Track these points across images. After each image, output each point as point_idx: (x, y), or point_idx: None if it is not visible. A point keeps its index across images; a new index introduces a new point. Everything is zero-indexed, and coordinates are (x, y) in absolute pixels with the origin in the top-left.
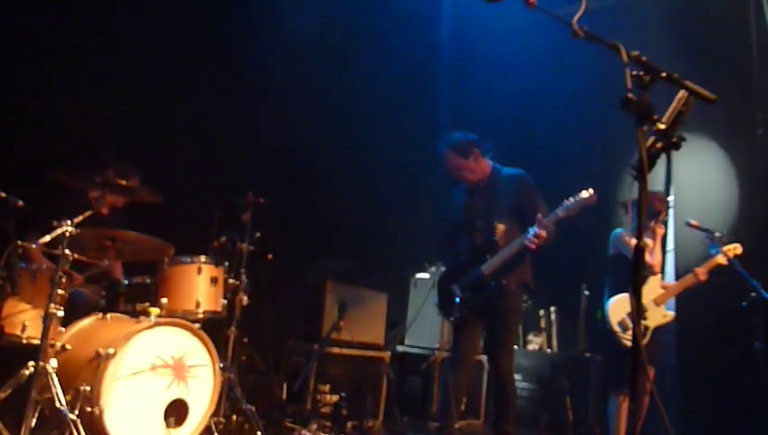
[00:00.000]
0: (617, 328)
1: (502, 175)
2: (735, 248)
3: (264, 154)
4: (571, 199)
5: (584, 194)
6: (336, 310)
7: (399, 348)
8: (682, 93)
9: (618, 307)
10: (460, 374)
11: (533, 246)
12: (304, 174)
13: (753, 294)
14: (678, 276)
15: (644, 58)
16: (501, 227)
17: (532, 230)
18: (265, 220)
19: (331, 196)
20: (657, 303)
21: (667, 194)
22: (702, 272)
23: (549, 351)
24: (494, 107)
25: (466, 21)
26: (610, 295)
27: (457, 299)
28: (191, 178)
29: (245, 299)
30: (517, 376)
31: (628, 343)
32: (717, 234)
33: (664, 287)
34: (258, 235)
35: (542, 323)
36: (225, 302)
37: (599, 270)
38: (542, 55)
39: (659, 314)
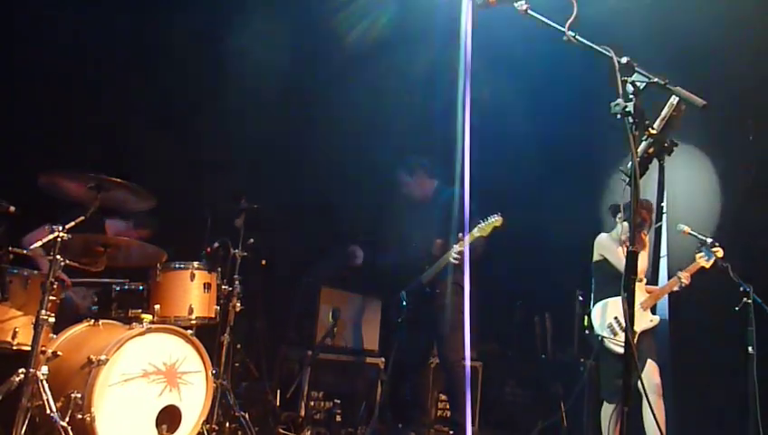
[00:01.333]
0: (604, 333)
1: (442, 194)
2: (717, 251)
3: (258, 159)
4: (482, 222)
5: (493, 217)
6: (330, 316)
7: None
8: (673, 99)
9: (603, 312)
10: (418, 375)
11: (457, 262)
12: (299, 180)
13: (746, 299)
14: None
15: (635, 64)
16: (438, 241)
17: (456, 248)
18: (259, 226)
19: (325, 201)
20: (643, 307)
21: (660, 200)
22: (685, 276)
23: (543, 356)
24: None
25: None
26: (595, 301)
27: (404, 303)
28: (184, 184)
29: (239, 305)
30: (511, 381)
31: (616, 348)
32: (709, 240)
33: (649, 292)
34: (251, 240)
35: (537, 329)
36: (218, 308)
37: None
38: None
39: (646, 319)
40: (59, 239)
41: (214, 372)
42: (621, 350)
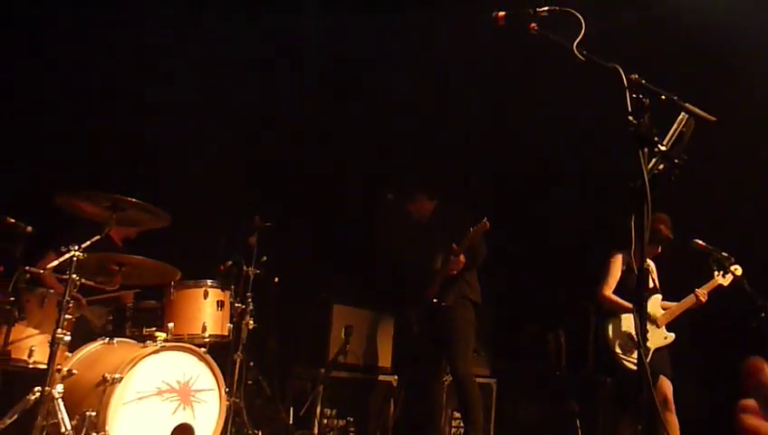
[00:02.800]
0: (617, 350)
1: (443, 211)
2: (736, 269)
3: (272, 178)
4: (472, 228)
5: (482, 221)
6: (342, 333)
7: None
8: (682, 115)
9: (616, 328)
10: (432, 392)
11: (453, 273)
12: (312, 198)
13: (763, 314)
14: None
15: (643, 80)
16: (439, 255)
17: (453, 259)
18: (272, 244)
19: (338, 219)
20: (658, 324)
21: None
22: (702, 293)
23: (558, 373)
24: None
25: None
26: (609, 316)
27: (414, 325)
28: (198, 203)
29: (252, 323)
30: (525, 398)
31: (629, 365)
32: (723, 254)
33: (665, 308)
34: (264, 259)
35: (551, 345)
36: (232, 326)
37: None
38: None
39: (660, 336)
40: (75, 258)
41: (227, 390)
42: (633, 366)
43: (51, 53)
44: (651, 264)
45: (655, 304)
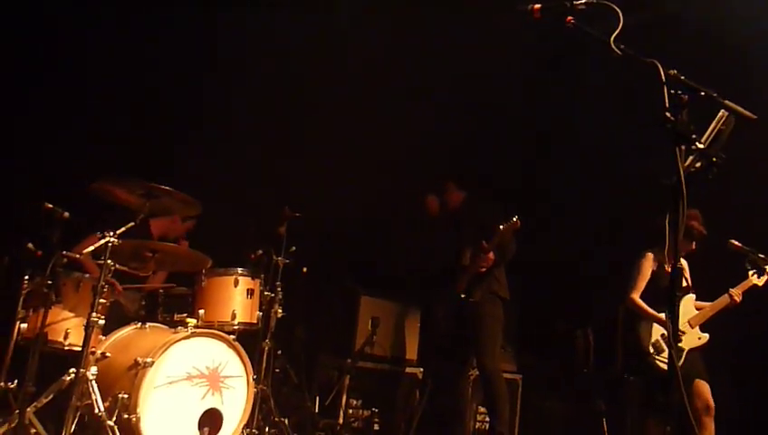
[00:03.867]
0: (650, 350)
1: (472, 205)
2: None
3: (302, 168)
4: (502, 226)
5: (513, 220)
6: (369, 324)
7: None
8: (722, 112)
9: (650, 328)
10: (458, 386)
11: (482, 270)
12: (340, 188)
13: None
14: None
15: (682, 76)
16: (468, 251)
17: (480, 255)
18: (301, 234)
19: (364, 210)
20: (692, 324)
21: None
22: (736, 293)
23: (585, 371)
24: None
25: None
26: (641, 317)
27: (441, 320)
28: (229, 192)
29: (280, 312)
30: (552, 395)
31: (661, 365)
32: (760, 255)
33: (698, 308)
34: (293, 249)
35: (579, 343)
36: (261, 314)
37: None
38: None
39: (694, 337)
40: (110, 244)
41: (255, 377)
42: (666, 367)
43: (89, 47)
44: (684, 262)
45: (688, 304)
